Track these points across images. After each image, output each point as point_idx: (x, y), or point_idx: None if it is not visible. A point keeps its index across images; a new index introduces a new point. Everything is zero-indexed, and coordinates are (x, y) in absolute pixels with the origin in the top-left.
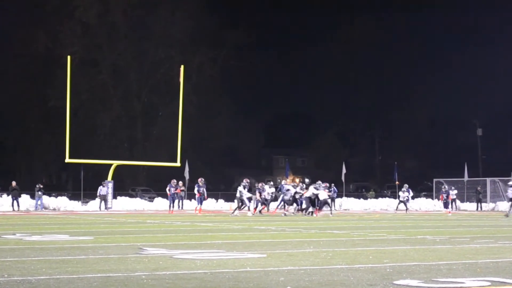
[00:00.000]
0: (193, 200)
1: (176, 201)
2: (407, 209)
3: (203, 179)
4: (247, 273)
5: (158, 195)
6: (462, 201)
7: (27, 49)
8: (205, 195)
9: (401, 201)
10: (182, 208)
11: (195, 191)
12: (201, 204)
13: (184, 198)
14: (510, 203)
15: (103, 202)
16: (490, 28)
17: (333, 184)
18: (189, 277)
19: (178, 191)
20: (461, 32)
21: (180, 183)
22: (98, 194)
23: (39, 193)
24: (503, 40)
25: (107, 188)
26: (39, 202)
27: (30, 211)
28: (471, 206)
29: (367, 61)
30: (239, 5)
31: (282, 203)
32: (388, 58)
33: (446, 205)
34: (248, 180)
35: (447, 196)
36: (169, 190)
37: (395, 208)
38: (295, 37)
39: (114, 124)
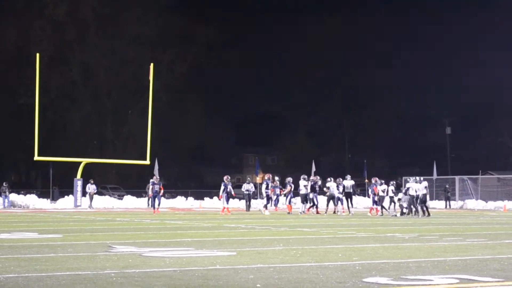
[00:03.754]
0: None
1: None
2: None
3: (229, 177)
4: (216, 271)
5: (128, 193)
6: (431, 199)
7: None
8: (232, 192)
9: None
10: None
11: (221, 190)
12: (227, 202)
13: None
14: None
15: (91, 200)
16: (460, 27)
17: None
18: (159, 275)
19: (161, 188)
20: (431, 31)
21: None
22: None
23: (5, 191)
24: (473, 39)
25: (95, 186)
26: (6, 200)
27: None
28: (439, 204)
29: (336, 59)
30: (209, 3)
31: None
32: (357, 56)
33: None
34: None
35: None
36: (152, 187)
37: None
38: (265, 35)
39: (84, 122)
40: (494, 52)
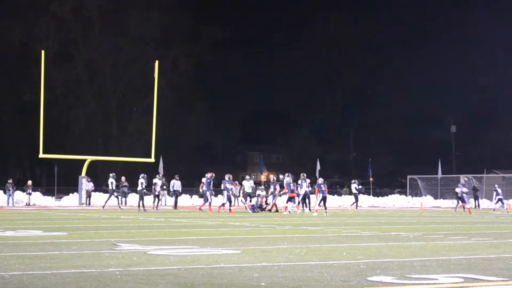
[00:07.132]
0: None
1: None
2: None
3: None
4: (221, 269)
5: (132, 191)
6: (435, 198)
7: (1, 44)
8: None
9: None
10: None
11: (272, 189)
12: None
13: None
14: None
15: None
16: (465, 26)
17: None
18: (163, 273)
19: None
20: (437, 29)
21: (123, 178)
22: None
23: (10, 188)
24: (478, 38)
25: (92, 183)
26: (10, 198)
27: (3, 206)
28: (444, 203)
29: (342, 58)
30: (215, 1)
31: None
32: (363, 55)
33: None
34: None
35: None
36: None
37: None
38: (271, 33)
39: (89, 119)
40: (499, 50)
